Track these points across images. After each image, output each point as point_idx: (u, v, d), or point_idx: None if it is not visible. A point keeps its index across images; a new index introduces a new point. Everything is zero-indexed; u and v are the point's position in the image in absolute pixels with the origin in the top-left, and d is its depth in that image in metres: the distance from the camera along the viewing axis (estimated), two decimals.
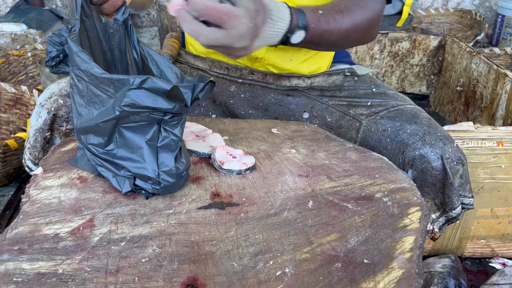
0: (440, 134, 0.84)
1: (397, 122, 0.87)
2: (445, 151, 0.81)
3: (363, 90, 0.97)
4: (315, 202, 0.66)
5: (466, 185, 0.85)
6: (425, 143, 0.82)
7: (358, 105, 0.94)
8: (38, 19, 2.38)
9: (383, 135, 0.87)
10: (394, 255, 0.57)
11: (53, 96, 0.87)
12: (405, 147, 0.84)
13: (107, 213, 0.63)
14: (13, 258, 0.55)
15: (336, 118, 0.95)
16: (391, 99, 0.94)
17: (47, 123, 0.85)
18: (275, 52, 0.91)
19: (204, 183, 0.70)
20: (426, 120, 0.87)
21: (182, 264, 0.55)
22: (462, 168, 0.83)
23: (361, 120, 0.92)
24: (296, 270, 0.54)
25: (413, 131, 0.84)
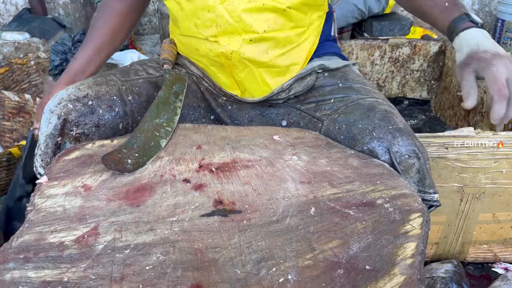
0: (392, 127, 0.80)
1: (352, 118, 0.85)
2: (393, 144, 0.78)
3: (330, 86, 0.96)
4: (317, 208, 0.67)
5: (424, 180, 0.80)
6: (373, 137, 0.80)
7: (323, 105, 0.94)
8: (41, 27, 2.40)
9: (338, 133, 0.86)
10: (396, 261, 0.57)
11: (62, 101, 0.88)
12: (355, 143, 0.82)
13: (111, 221, 0.64)
14: (19, 266, 0.55)
15: (306, 122, 0.96)
16: (353, 93, 0.92)
17: (57, 128, 0.86)
18: (251, 46, 0.92)
19: (207, 191, 0.71)
20: (381, 113, 0.84)
21: (186, 271, 0.55)
22: (418, 162, 0.78)
23: (323, 121, 0.91)
24: (298, 276, 0.55)
25: (364, 126, 0.82)
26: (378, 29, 2.06)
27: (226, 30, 0.91)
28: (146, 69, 1.04)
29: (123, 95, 0.94)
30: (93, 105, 0.89)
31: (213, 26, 0.91)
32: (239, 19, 0.89)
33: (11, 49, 2.29)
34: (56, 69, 1.56)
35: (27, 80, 2.19)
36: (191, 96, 1.02)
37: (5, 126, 1.82)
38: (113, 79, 0.96)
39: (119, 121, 0.93)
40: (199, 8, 0.91)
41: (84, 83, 0.93)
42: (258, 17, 0.90)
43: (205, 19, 0.91)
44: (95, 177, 0.73)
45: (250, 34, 0.91)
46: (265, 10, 0.89)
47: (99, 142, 0.84)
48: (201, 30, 0.93)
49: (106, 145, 0.83)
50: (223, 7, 0.89)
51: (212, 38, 0.93)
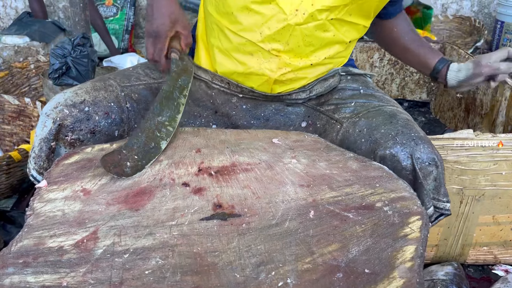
0: (414, 134, 0.83)
1: (374, 122, 0.87)
2: (416, 150, 0.81)
3: (351, 91, 0.98)
4: (316, 212, 0.67)
5: (440, 188, 0.83)
6: (396, 142, 0.82)
7: (343, 107, 0.95)
8: (41, 31, 2.40)
9: (358, 136, 0.88)
10: (395, 265, 0.57)
11: (59, 106, 0.87)
12: (377, 146, 0.83)
13: (111, 225, 0.64)
14: (18, 271, 0.55)
15: (323, 123, 0.97)
16: (375, 100, 0.94)
17: (52, 132, 0.85)
18: (309, 68, 0.95)
19: (206, 194, 0.71)
20: (403, 120, 0.87)
21: (185, 275, 0.55)
22: (436, 170, 0.81)
23: (342, 123, 0.93)
24: (298, 280, 0.55)
25: (387, 131, 0.84)
26: None
27: (292, 50, 0.91)
28: (149, 73, 1.01)
29: (121, 102, 0.93)
30: (90, 112, 0.88)
31: (281, 42, 0.90)
32: (310, 45, 0.91)
33: (11, 52, 2.29)
34: (56, 73, 1.56)
35: (27, 84, 2.19)
36: (192, 104, 1.00)
37: (5, 130, 1.82)
38: (113, 84, 0.94)
39: (115, 128, 0.91)
40: (274, 20, 0.88)
41: (82, 88, 0.91)
42: (326, 46, 0.93)
43: (276, 33, 0.89)
44: (95, 181, 0.73)
45: (312, 60, 0.93)
46: (334, 41, 0.93)
47: (99, 146, 0.84)
48: (267, 41, 0.90)
49: (105, 149, 0.83)
50: (302, 32, 0.89)
51: (275, 52, 0.91)
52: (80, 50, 1.56)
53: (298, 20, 0.88)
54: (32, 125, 1.77)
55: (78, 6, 1.75)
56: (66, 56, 1.56)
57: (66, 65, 1.55)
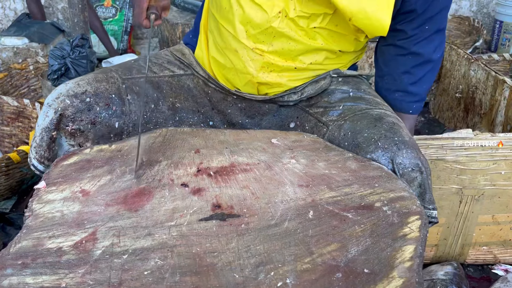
0: (398, 138, 0.81)
1: (358, 126, 0.86)
2: (397, 155, 0.78)
3: (341, 94, 0.97)
4: (316, 212, 0.67)
5: (425, 195, 0.80)
6: (378, 146, 0.80)
7: (331, 110, 0.94)
8: (39, 32, 2.40)
9: (343, 139, 0.87)
10: (395, 264, 0.57)
11: (61, 96, 0.88)
12: (359, 151, 0.82)
13: (110, 226, 0.64)
14: (17, 272, 0.55)
15: (311, 125, 0.96)
16: (362, 103, 0.93)
17: (53, 122, 0.86)
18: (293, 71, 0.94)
19: (205, 195, 0.71)
20: (388, 124, 0.85)
21: (184, 276, 0.55)
22: (421, 176, 0.79)
23: (328, 126, 0.92)
24: (297, 280, 0.55)
25: (370, 135, 0.83)
26: None
27: (276, 51, 0.91)
28: (151, 66, 1.01)
29: (122, 94, 0.93)
30: (91, 102, 0.89)
31: (265, 43, 0.91)
32: (294, 49, 0.91)
33: (10, 54, 2.29)
34: (55, 74, 1.56)
35: (26, 85, 2.19)
36: (191, 100, 1.02)
37: (4, 131, 1.82)
38: (114, 76, 0.95)
39: (115, 120, 0.92)
40: (258, 22, 0.89)
41: (84, 79, 0.92)
42: (312, 52, 0.93)
43: (261, 34, 0.90)
44: (93, 182, 0.73)
45: (297, 63, 0.93)
46: (322, 48, 0.92)
47: (97, 147, 0.84)
48: (251, 40, 0.92)
49: (104, 149, 0.83)
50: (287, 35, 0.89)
51: (259, 52, 0.92)
52: (79, 51, 1.56)
53: (280, 23, 0.89)
54: (31, 126, 1.77)
55: (76, 7, 1.75)
56: (65, 57, 1.56)
57: (65, 66, 1.55)
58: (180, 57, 1.05)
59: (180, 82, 1.02)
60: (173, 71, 1.03)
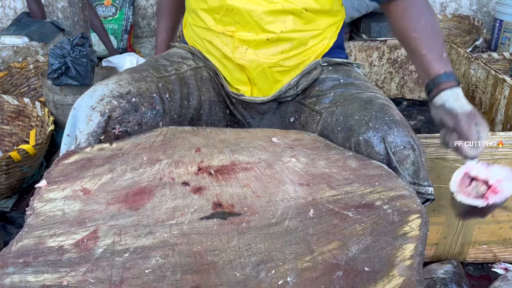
0: (388, 118, 0.81)
1: (349, 110, 0.86)
2: (388, 134, 0.78)
3: (332, 81, 0.97)
4: (316, 210, 0.67)
5: (419, 172, 0.80)
6: (369, 127, 0.80)
7: (323, 99, 0.94)
8: (39, 31, 2.40)
9: (335, 124, 0.87)
10: (395, 263, 0.57)
11: (105, 97, 0.84)
12: (351, 133, 0.82)
13: (111, 224, 0.64)
14: (18, 271, 0.55)
15: (306, 115, 0.97)
16: (353, 88, 0.93)
17: (101, 125, 0.82)
18: (266, 45, 0.94)
19: (206, 193, 0.71)
20: (378, 105, 0.84)
21: (185, 274, 0.55)
22: (414, 153, 0.79)
23: (321, 113, 0.92)
24: (298, 279, 0.55)
25: (361, 117, 0.82)
26: (376, 30, 2.07)
27: (244, 28, 0.92)
28: (172, 64, 1.00)
29: (161, 93, 0.91)
30: (137, 103, 0.86)
31: (231, 23, 0.93)
32: (258, 19, 0.91)
33: (10, 53, 2.29)
34: (55, 73, 1.56)
35: (26, 84, 2.19)
36: (212, 91, 1.01)
37: (4, 130, 1.82)
38: (149, 75, 0.92)
39: (159, 120, 0.90)
40: (220, 6, 0.92)
41: (123, 79, 0.88)
42: (276, 18, 0.91)
43: (224, 15, 0.93)
44: (94, 181, 0.74)
45: (267, 34, 0.92)
46: (284, 12, 0.91)
47: (98, 145, 0.84)
48: (219, 25, 0.94)
49: (105, 148, 0.83)
50: (244, 7, 0.90)
51: (229, 33, 0.93)
52: (79, 50, 1.56)
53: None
54: (31, 125, 1.77)
55: (76, 6, 1.75)
56: (65, 56, 1.56)
57: (65, 65, 1.55)
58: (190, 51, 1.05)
59: (198, 75, 1.01)
60: (190, 64, 1.01)
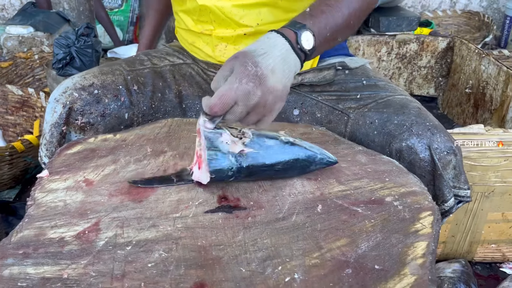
0: (429, 123, 0.80)
1: (385, 113, 0.84)
2: (433, 141, 0.78)
3: (354, 83, 0.95)
4: (324, 206, 0.65)
5: (460, 176, 0.81)
6: (412, 133, 0.79)
7: (347, 99, 0.92)
8: (45, 22, 2.39)
9: (370, 128, 0.85)
10: (406, 261, 0.55)
11: (68, 90, 0.87)
12: (392, 139, 0.80)
13: (113, 216, 0.62)
14: (18, 262, 0.54)
15: (325, 113, 0.94)
16: (381, 91, 0.91)
17: (62, 117, 0.85)
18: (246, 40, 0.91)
19: (211, 186, 0.69)
20: (415, 110, 0.84)
21: (189, 269, 0.54)
22: (455, 158, 0.79)
23: (349, 114, 0.90)
24: (305, 276, 0.53)
25: (400, 122, 0.81)
26: (385, 25, 2.04)
27: (220, 25, 0.91)
28: (151, 59, 1.02)
29: (128, 85, 0.93)
30: (99, 94, 0.88)
31: (208, 22, 0.92)
32: (231, 15, 0.89)
33: (15, 43, 2.28)
34: (60, 63, 1.54)
35: (30, 74, 2.18)
36: (196, 86, 1.01)
37: (9, 120, 1.81)
38: (119, 69, 0.95)
39: (125, 111, 0.91)
40: (194, 7, 0.92)
41: (90, 72, 0.91)
42: (249, 11, 0.88)
43: (200, 15, 0.92)
44: (97, 172, 0.72)
45: (243, 29, 0.90)
46: (256, 4, 0.88)
47: (102, 136, 0.83)
48: (198, 25, 0.94)
49: (109, 139, 0.82)
50: (214, 5, 0.88)
51: (207, 32, 0.93)
52: (84, 40, 1.55)
53: None
54: (35, 115, 1.76)
55: None
56: (70, 46, 1.54)
57: (70, 55, 1.54)
58: (179, 49, 1.06)
59: (181, 71, 1.02)
60: (173, 61, 1.04)
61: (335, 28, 0.71)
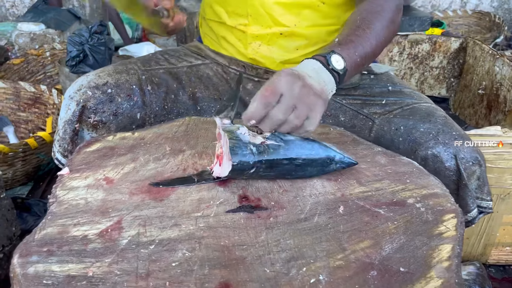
0: (456, 133, 0.80)
1: (411, 120, 0.84)
2: (460, 150, 0.77)
3: (379, 88, 0.94)
4: (346, 207, 0.65)
5: (483, 187, 0.81)
6: (438, 142, 0.79)
7: (372, 104, 0.91)
8: (56, 19, 2.40)
9: (395, 134, 0.85)
10: (432, 264, 0.55)
11: (82, 88, 0.87)
12: (418, 146, 0.80)
13: (135, 215, 0.62)
14: (43, 260, 0.54)
15: (349, 117, 0.93)
16: (407, 98, 0.91)
17: (76, 114, 0.86)
18: (280, 40, 0.91)
19: (231, 186, 0.69)
20: (441, 118, 0.84)
21: (213, 269, 0.53)
22: (480, 169, 0.79)
23: (374, 119, 0.89)
24: (330, 277, 0.53)
25: (426, 130, 0.81)
26: None
27: (256, 21, 0.89)
28: (168, 58, 1.02)
29: (142, 85, 0.93)
30: (112, 93, 0.88)
31: (244, 15, 0.90)
32: (270, 11, 0.88)
33: (27, 40, 2.29)
34: (73, 60, 1.55)
35: (42, 71, 2.19)
36: (212, 88, 1.00)
37: (21, 117, 1.82)
38: (134, 68, 0.95)
39: (137, 111, 0.91)
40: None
41: (104, 71, 0.91)
42: (290, 10, 0.88)
43: (236, 7, 0.91)
44: (117, 170, 0.72)
45: (280, 28, 0.89)
46: (298, 5, 0.88)
47: (120, 134, 0.83)
48: (232, 18, 0.92)
49: (127, 137, 0.82)
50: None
51: (241, 27, 0.91)
52: (97, 37, 1.55)
53: None
54: (47, 112, 1.76)
55: None
56: (84, 43, 1.54)
57: (84, 53, 1.54)
58: (197, 50, 1.05)
59: (198, 72, 1.01)
60: (191, 61, 1.03)
61: (364, 55, 0.74)
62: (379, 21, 0.78)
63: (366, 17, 0.78)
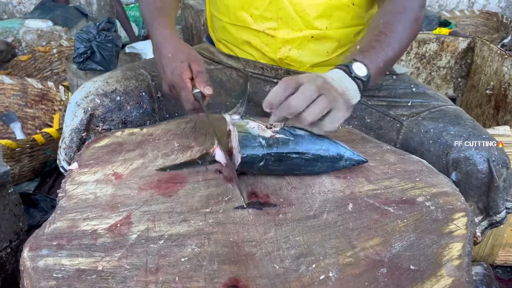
0: (485, 136, 0.81)
1: (440, 123, 0.84)
2: (491, 153, 0.78)
3: (403, 89, 0.94)
4: (355, 204, 0.64)
5: (509, 189, 0.82)
6: (470, 145, 0.79)
7: (398, 106, 0.91)
8: (63, 16, 2.40)
9: (425, 137, 0.84)
10: (442, 262, 0.54)
11: (90, 95, 0.84)
12: (449, 149, 0.80)
13: (144, 210, 0.62)
14: (53, 253, 0.54)
15: (375, 118, 0.92)
16: (432, 100, 0.91)
17: (83, 123, 0.83)
18: (311, 44, 0.89)
19: (240, 182, 0.69)
20: (470, 121, 0.84)
21: (223, 264, 0.53)
22: (506, 171, 0.80)
23: (402, 121, 0.89)
24: (340, 274, 0.52)
25: (457, 133, 0.81)
26: None
27: (287, 24, 0.87)
28: None
29: (152, 92, 0.90)
30: (121, 101, 0.86)
31: (273, 19, 0.88)
32: (303, 14, 0.86)
33: (34, 36, 2.29)
34: (81, 57, 1.55)
35: (49, 68, 2.20)
36: (224, 94, 0.98)
37: (28, 113, 1.83)
38: (143, 73, 0.92)
39: (147, 119, 0.89)
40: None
41: (113, 77, 0.89)
42: (322, 13, 0.87)
43: (264, 10, 0.87)
44: (126, 166, 0.72)
45: (312, 31, 0.88)
46: (330, 7, 0.87)
47: (129, 130, 0.83)
48: (259, 22, 0.89)
49: (136, 133, 0.82)
50: (289, 0, 0.85)
51: (270, 31, 0.89)
52: (105, 34, 1.55)
53: None
54: (54, 109, 1.77)
55: None
56: (91, 40, 1.55)
57: (91, 50, 1.54)
58: (208, 54, 1.02)
59: (211, 77, 0.99)
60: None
61: (387, 59, 0.74)
62: (401, 23, 0.78)
63: (388, 21, 0.77)
